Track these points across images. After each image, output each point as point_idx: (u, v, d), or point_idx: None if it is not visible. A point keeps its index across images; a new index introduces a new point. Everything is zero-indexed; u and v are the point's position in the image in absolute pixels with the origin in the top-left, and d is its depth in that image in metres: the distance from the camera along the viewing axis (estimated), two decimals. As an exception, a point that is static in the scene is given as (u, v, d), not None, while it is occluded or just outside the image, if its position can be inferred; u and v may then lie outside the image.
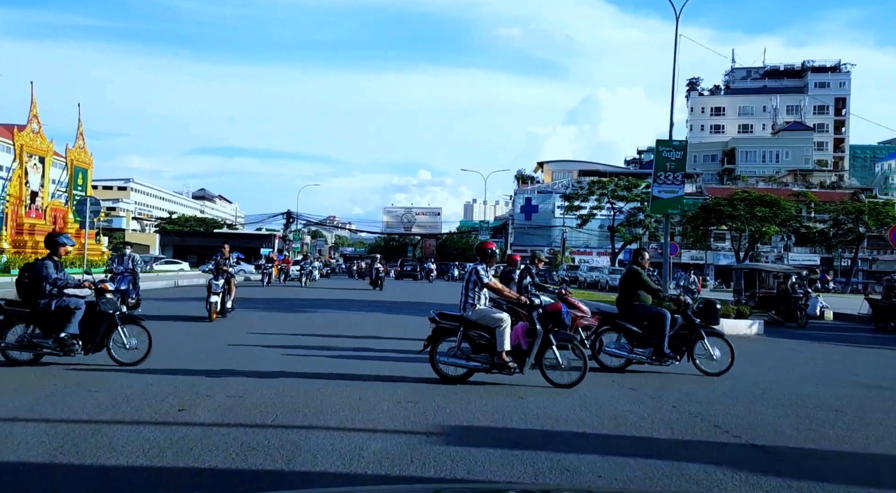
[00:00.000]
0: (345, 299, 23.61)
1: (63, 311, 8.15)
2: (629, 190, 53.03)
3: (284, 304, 20.37)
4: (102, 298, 8.35)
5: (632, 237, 54.34)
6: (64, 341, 8.06)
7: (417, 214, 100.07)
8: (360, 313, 17.60)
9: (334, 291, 29.28)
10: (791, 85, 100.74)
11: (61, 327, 8.07)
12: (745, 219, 50.17)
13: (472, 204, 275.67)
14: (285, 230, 71.41)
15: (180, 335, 11.85)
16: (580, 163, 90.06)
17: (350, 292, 28.87)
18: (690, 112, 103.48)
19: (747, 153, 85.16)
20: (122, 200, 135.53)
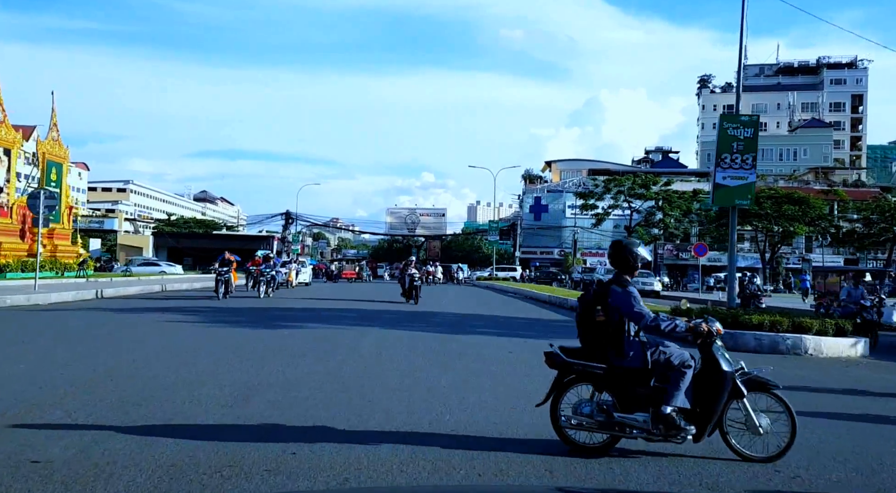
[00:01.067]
0: (365, 312, 20.50)
1: (666, 367, 4.88)
2: (646, 187, 49.42)
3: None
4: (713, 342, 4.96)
5: (651, 238, 50.72)
6: (670, 420, 4.74)
7: (421, 215, 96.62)
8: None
9: (332, 303, 23.16)
10: (806, 82, 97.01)
11: (663, 396, 4.82)
12: (772, 218, 46.59)
13: (476, 206, 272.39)
14: (284, 232, 67.90)
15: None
16: (589, 162, 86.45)
17: (364, 304, 21.69)
18: (702, 110, 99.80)
19: (763, 151, 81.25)
20: (122, 202, 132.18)
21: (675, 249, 64.37)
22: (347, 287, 34.96)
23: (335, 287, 34.70)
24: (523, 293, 29.80)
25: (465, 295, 31.21)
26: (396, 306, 20.56)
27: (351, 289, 32.39)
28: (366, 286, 36.54)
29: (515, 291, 33.49)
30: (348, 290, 31.28)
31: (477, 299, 27.25)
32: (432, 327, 14.40)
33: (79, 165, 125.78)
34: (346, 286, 36.62)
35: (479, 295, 31.59)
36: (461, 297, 29.19)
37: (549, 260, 66.64)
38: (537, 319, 18.04)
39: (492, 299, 28.55)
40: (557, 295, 25.07)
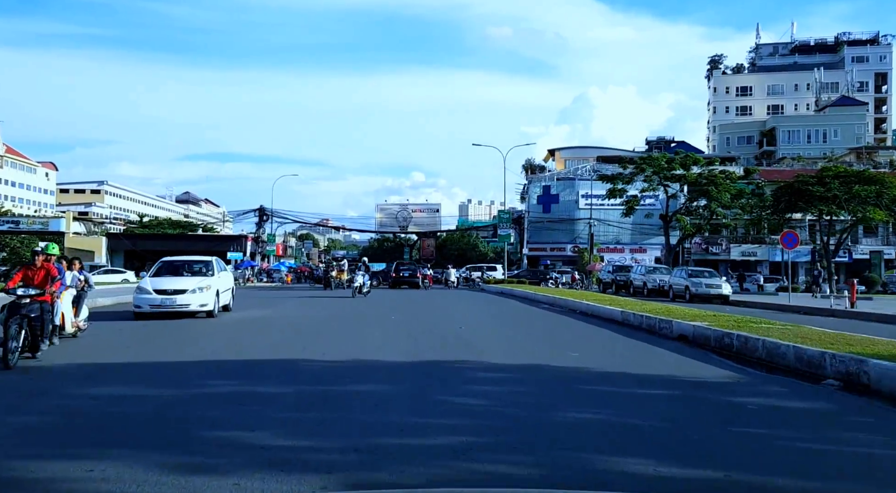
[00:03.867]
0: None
1: None
2: (686, 167, 39.89)
3: None
4: None
5: (694, 228, 41.22)
6: None
7: (414, 211, 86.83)
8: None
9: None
10: (824, 61, 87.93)
11: None
12: (841, 201, 37.31)
13: (468, 204, 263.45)
14: (258, 230, 58.06)
15: None
16: (596, 149, 76.97)
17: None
18: (713, 93, 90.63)
19: (790, 133, 72.34)
20: (95, 204, 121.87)
21: (703, 242, 54.98)
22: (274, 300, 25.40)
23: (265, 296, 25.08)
24: (583, 309, 19.89)
25: (498, 314, 21.57)
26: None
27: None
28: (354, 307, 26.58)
29: (553, 303, 23.99)
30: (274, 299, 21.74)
31: (522, 326, 17.81)
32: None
33: (45, 165, 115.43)
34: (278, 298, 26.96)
35: (513, 312, 22.02)
36: (497, 318, 19.60)
37: (561, 257, 57.06)
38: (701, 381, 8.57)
39: (550, 322, 18.98)
40: (647, 312, 15.47)
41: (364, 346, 10.43)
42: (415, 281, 39.81)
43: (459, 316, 17.46)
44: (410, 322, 15.09)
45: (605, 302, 18.98)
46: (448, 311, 19.40)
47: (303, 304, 21.12)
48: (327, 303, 21.65)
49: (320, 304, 21.26)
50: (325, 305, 20.87)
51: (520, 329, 14.37)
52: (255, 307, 18.62)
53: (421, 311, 18.95)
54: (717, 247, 56.85)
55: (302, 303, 21.58)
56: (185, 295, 14.40)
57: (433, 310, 19.54)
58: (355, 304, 21.16)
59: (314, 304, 21.14)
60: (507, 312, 19.68)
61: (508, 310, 20.39)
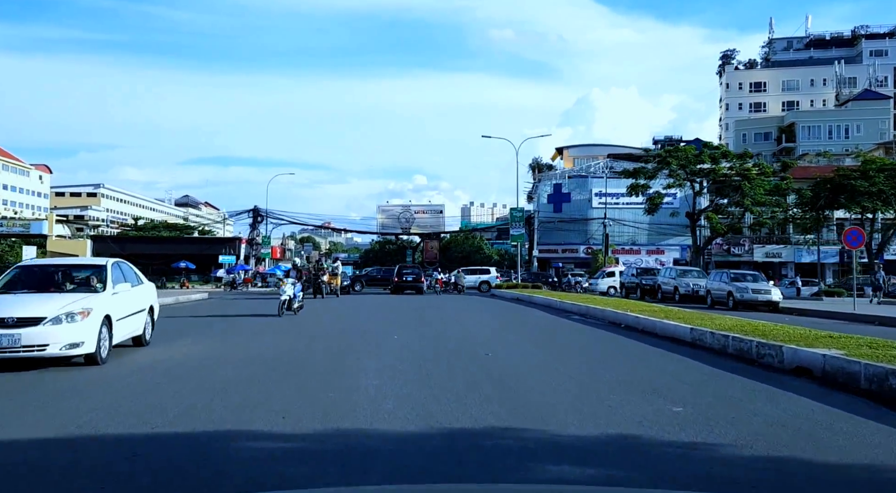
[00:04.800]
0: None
1: None
2: (716, 160, 36.11)
3: None
4: None
5: (726, 227, 37.40)
6: None
7: (416, 212, 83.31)
8: None
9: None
10: (841, 55, 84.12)
11: None
12: (889, 196, 33.58)
13: (470, 207, 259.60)
14: (252, 232, 54.34)
15: None
16: (606, 146, 73.32)
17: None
18: (726, 89, 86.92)
19: (810, 128, 68.55)
20: (92, 208, 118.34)
21: (724, 243, 51.22)
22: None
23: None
24: (630, 322, 16.03)
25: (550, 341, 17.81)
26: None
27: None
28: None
29: (586, 313, 20.27)
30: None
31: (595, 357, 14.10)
32: None
33: (39, 168, 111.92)
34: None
35: (544, 327, 18.31)
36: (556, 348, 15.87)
37: (573, 259, 53.36)
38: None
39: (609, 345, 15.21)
40: (728, 331, 11.76)
41: (350, 399, 6.67)
42: (419, 286, 36.15)
43: (478, 332, 13.74)
44: (418, 345, 11.37)
45: (655, 314, 15.21)
46: (463, 325, 15.64)
47: (276, 322, 17.37)
48: (311, 318, 17.91)
49: (299, 321, 17.51)
50: (305, 322, 17.14)
51: (567, 357, 10.60)
52: (197, 334, 13.03)
53: (429, 326, 15.20)
54: (740, 248, 53.09)
55: (275, 320, 17.83)
56: (39, 329, 8.24)
57: (444, 324, 15.80)
58: (348, 318, 17.44)
59: (292, 322, 17.33)
60: (535, 326, 15.93)
61: (536, 323, 16.63)
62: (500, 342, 12.04)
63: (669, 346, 11.88)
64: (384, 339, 12.32)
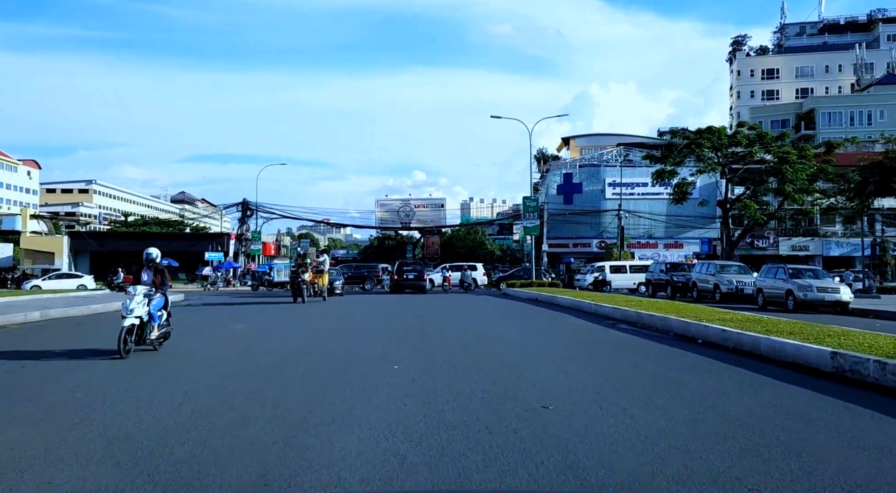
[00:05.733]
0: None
1: None
2: (751, 144, 31.95)
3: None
4: None
5: (766, 216, 33.23)
6: None
7: (417, 206, 78.98)
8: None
9: None
10: (856, 40, 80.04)
11: None
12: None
13: (470, 203, 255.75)
14: (241, 227, 50.15)
15: None
16: (615, 136, 69.11)
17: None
18: (737, 76, 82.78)
19: (830, 115, 64.37)
20: (83, 204, 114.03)
21: (748, 235, 47.17)
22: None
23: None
24: (713, 338, 11.79)
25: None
26: None
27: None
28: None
29: (636, 321, 16.21)
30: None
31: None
32: None
33: (27, 163, 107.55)
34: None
35: (599, 346, 14.25)
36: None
37: (585, 254, 49.25)
38: None
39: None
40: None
41: None
42: (421, 285, 32.15)
43: (512, 355, 9.64)
44: (429, 382, 7.31)
45: (747, 326, 11.13)
46: (486, 341, 11.49)
47: (229, 340, 13.18)
48: (282, 331, 13.80)
49: (263, 338, 13.37)
50: (270, 337, 13.02)
51: (681, 412, 6.42)
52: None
53: (441, 342, 11.09)
54: (764, 241, 49.01)
55: (233, 339, 13.62)
56: None
57: (461, 339, 11.67)
58: (327, 332, 13.34)
59: (247, 338, 13.15)
60: (585, 342, 11.73)
61: (583, 338, 12.43)
62: (552, 376, 7.93)
63: (794, 377, 7.85)
64: (376, 370, 8.22)
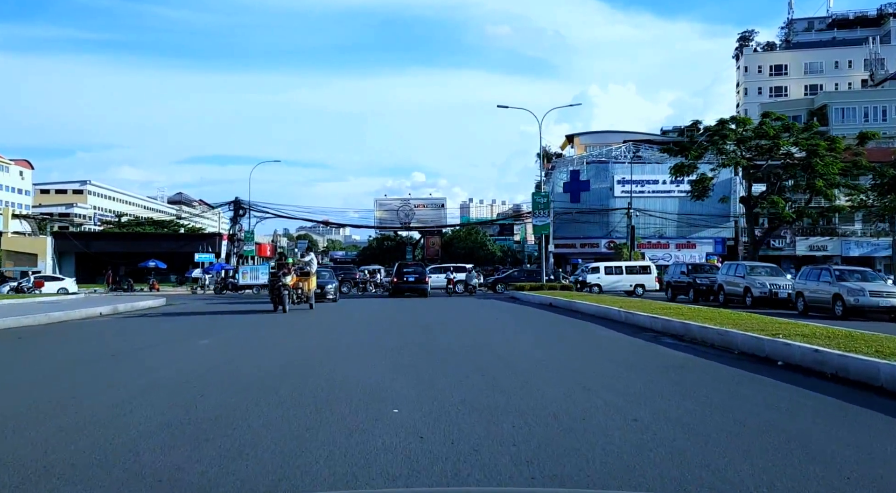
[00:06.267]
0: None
1: None
2: (776, 137, 29.48)
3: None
4: None
5: (795, 213, 30.77)
6: None
7: (416, 206, 76.54)
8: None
9: None
10: (866, 35, 77.74)
11: None
12: None
13: (469, 203, 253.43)
14: (233, 227, 47.67)
15: None
16: (620, 133, 66.82)
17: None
18: (744, 72, 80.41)
19: (843, 111, 61.96)
20: (77, 205, 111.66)
21: (763, 234, 44.75)
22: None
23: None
24: (797, 359, 9.37)
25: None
26: None
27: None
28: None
29: (683, 335, 13.76)
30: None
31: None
32: None
33: (20, 163, 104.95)
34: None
35: (654, 370, 11.77)
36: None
37: (593, 254, 46.80)
38: None
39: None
40: None
41: None
42: (422, 288, 29.71)
43: (549, 386, 7.18)
44: (444, 435, 4.91)
45: (842, 344, 8.68)
46: (509, 362, 8.95)
47: (183, 363, 10.71)
48: (252, 350, 11.33)
49: (224, 360, 10.90)
50: (235, 359, 10.54)
51: None
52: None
53: (455, 365, 8.59)
54: (780, 240, 46.55)
55: (188, 361, 11.18)
56: None
57: (478, 360, 9.17)
58: (318, 350, 10.88)
59: (206, 359, 10.70)
60: (640, 367, 9.19)
61: (632, 360, 9.86)
62: (622, 429, 5.48)
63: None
64: (368, 416, 5.78)
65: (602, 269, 33.97)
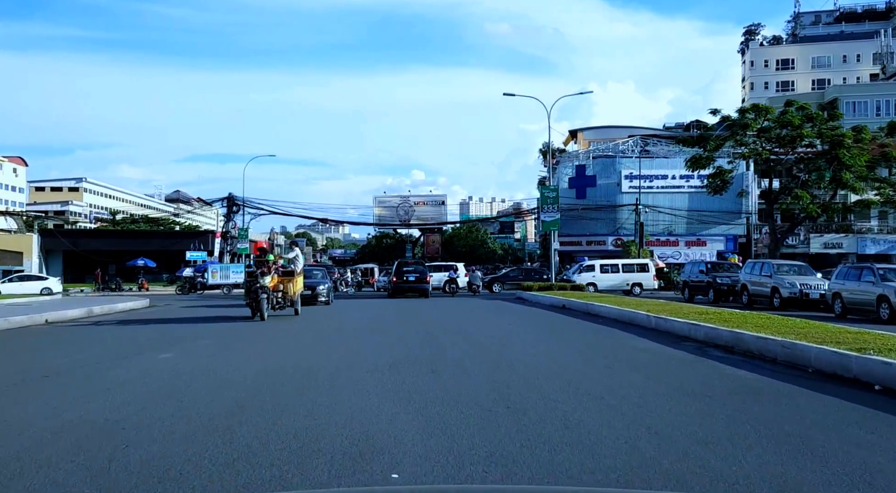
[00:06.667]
0: None
1: None
2: (799, 126, 27.64)
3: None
4: None
5: (820, 208, 28.89)
6: None
7: (416, 203, 74.44)
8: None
9: None
10: (875, 28, 75.85)
11: None
12: None
13: (469, 201, 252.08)
14: (227, 224, 45.76)
15: None
16: (625, 128, 64.83)
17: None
18: (750, 67, 78.52)
19: (855, 104, 60.03)
20: (73, 202, 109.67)
21: (784, 230, 42.85)
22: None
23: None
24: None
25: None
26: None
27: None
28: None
29: (733, 345, 11.92)
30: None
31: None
32: None
33: (13, 160, 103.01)
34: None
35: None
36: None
37: (600, 252, 44.96)
38: None
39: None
40: None
41: None
42: (423, 288, 27.90)
43: (595, 425, 5.35)
44: None
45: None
46: (538, 387, 7.02)
47: (126, 387, 8.83)
48: (215, 370, 9.47)
49: (181, 383, 9.03)
50: (193, 382, 8.67)
51: None
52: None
53: (471, 392, 6.71)
54: (794, 237, 44.67)
55: (136, 383, 9.31)
56: None
57: (499, 383, 7.28)
58: (296, 373, 9.00)
59: (157, 383, 8.84)
60: (705, 395, 7.26)
61: (691, 384, 7.93)
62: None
63: None
64: (361, 480, 3.93)
65: (597, 267, 32.30)
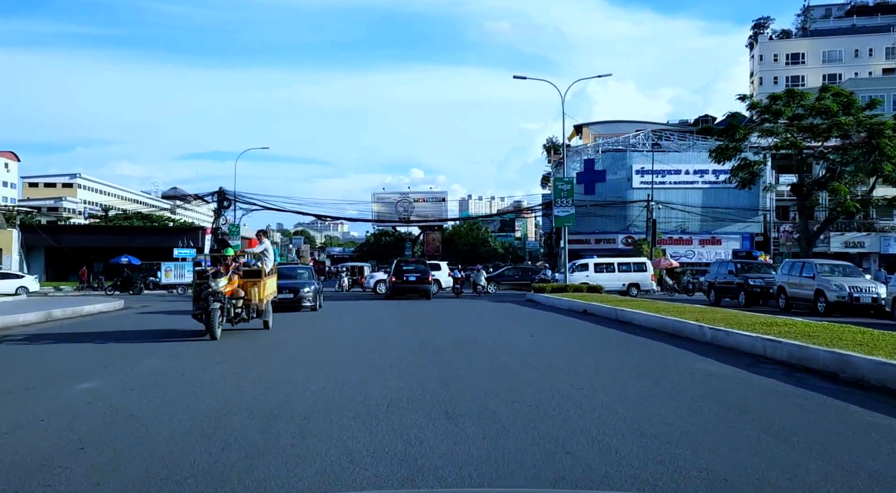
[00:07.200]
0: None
1: None
2: (833, 114, 25.29)
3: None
4: None
5: (859, 202, 26.57)
6: None
7: (416, 200, 72.11)
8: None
9: None
10: (888, 22, 73.65)
11: None
12: None
13: (468, 200, 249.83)
14: (217, 220, 43.29)
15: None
16: (632, 123, 62.49)
17: None
18: (759, 61, 76.17)
19: (870, 99, 57.70)
20: (67, 199, 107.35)
21: (793, 229, 40.46)
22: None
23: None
24: None
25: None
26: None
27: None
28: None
29: (798, 361, 9.51)
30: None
31: None
32: None
33: (4, 155, 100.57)
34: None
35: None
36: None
37: (610, 251, 42.59)
38: None
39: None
40: None
41: None
42: (425, 289, 25.53)
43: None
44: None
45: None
46: (603, 443, 4.74)
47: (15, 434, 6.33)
48: (138, 415, 7.03)
49: (96, 436, 6.48)
50: (103, 437, 6.18)
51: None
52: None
53: (504, 446, 4.34)
54: (813, 236, 42.30)
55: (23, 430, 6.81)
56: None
57: (543, 436, 4.90)
58: (252, 423, 6.57)
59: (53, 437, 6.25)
60: (826, 452, 4.98)
61: (809, 435, 5.60)
62: None
63: None
64: None
65: (591, 266, 30.14)
